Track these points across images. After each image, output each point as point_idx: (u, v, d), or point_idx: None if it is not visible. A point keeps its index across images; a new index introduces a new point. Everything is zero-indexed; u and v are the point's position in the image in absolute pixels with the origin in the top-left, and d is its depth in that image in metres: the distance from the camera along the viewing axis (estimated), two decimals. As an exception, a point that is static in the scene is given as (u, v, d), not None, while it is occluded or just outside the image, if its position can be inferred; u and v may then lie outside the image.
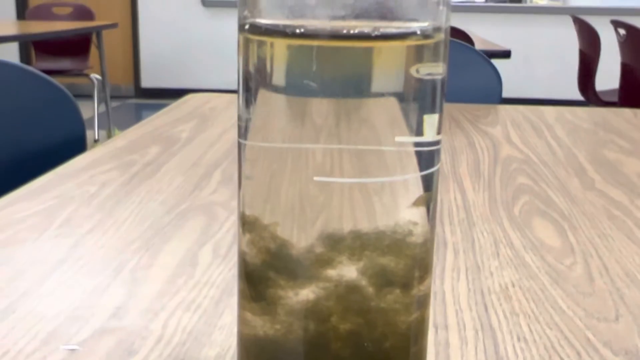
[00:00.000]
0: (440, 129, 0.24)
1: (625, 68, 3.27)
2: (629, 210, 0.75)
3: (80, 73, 4.39)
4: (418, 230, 0.23)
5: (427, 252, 0.24)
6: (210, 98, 1.35)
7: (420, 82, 0.22)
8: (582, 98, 3.72)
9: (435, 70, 0.23)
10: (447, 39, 0.23)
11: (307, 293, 0.23)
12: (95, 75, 4.30)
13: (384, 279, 0.23)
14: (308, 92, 0.22)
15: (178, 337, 0.47)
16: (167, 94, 5.90)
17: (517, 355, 0.46)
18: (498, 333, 0.49)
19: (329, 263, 0.22)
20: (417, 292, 0.24)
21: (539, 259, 0.62)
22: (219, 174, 0.85)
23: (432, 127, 0.23)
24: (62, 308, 0.51)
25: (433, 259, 0.25)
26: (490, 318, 0.51)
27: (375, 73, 0.22)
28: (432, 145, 0.23)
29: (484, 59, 1.61)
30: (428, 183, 0.23)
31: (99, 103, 4.29)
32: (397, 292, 0.23)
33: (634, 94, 3.16)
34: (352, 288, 0.22)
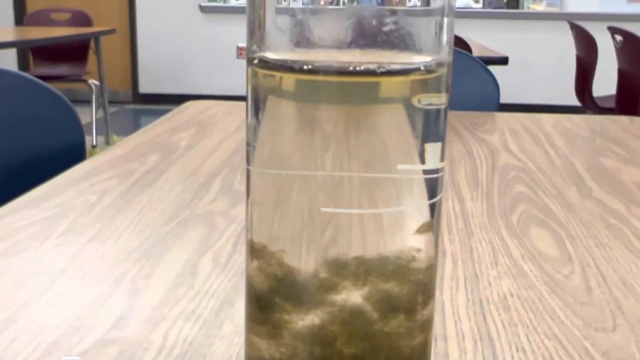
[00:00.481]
0: (443, 157, 0.24)
1: (622, 74, 3.28)
2: (626, 219, 0.76)
3: (79, 79, 4.39)
4: (421, 256, 0.23)
5: (430, 277, 0.24)
6: (210, 105, 1.35)
7: (423, 112, 0.23)
8: (579, 104, 3.73)
9: (438, 101, 0.23)
10: (449, 72, 0.24)
11: (312, 318, 0.23)
12: (94, 81, 4.31)
13: (388, 304, 0.23)
14: (315, 121, 0.23)
15: (179, 347, 0.47)
16: (165, 100, 5.91)
17: (515, 366, 0.46)
18: (497, 343, 0.49)
19: (334, 288, 0.22)
20: (420, 316, 0.24)
21: (537, 269, 0.62)
22: (219, 183, 0.85)
23: (434, 155, 0.23)
24: (63, 318, 0.51)
25: (436, 284, 0.25)
26: (489, 328, 0.51)
27: (379, 104, 0.22)
28: (435, 173, 0.24)
29: (481, 66, 1.61)
30: (432, 210, 0.24)
31: (97, 108, 4.29)
32: (400, 317, 0.23)
33: (631, 100, 3.17)
34: (356, 313, 0.23)
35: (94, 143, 4.15)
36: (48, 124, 1.23)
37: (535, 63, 5.78)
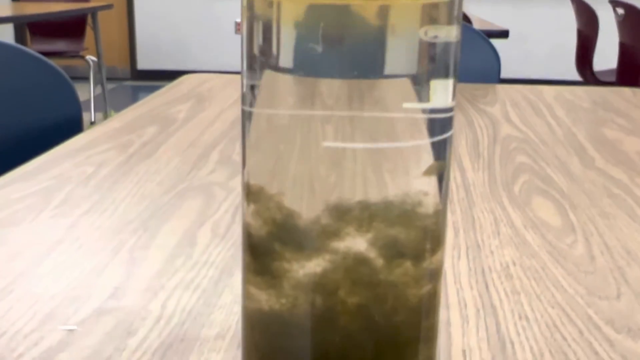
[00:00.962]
0: (454, 96, 0.23)
1: (624, 48, 3.26)
2: (629, 189, 0.75)
3: (76, 55, 4.37)
4: (429, 201, 0.22)
5: (438, 223, 0.23)
6: (208, 78, 1.34)
7: (431, 45, 0.22)
8: (580, 78, 3.71)
9: (449, 34, 0.22)
10: (460, 2, 0.23)
11: (313, 266, 0.22)
12: (91, 57, 4.28)
13: (394, 251, 0.22)
14: (317, 54, 0.21)
15: (177, 317, 0.47)
16: (164, 76, 5.87)
17: (518, 334, 0.46)
18: (499, 311, 0.49)
19: (336, 234, 0.22)
20: (428, 264, 0.23)
21: (540, 238, 0.61)
22: (217, 154, 0.84)
23: (443, 93, 0.22)
24: (59, 289, 0.50)
25: (446, 231, 0.25)
26: (492, 296, 0.51)
27: (388, 36, 0.21)
28: (443, 113, 0.23)
29: (483, 38, 1.60)
30: (440, 151, 0.23)
31: (95, 85, 4.26)
32: (407, 264, 0.22)
33: (632, 74, 3.16)
34: (360, 260, 0.22)
35: (92, 120, 4.13)
36: (46, 99, 1.21)
37: (536, 37, 5.74)
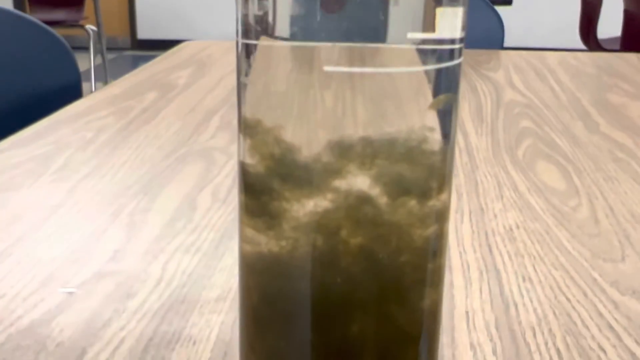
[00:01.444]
0: (464, 25, 0.22)
1: (628, 15, 3.22)
2: (634, 153, 0.74)
3: (75, 24, 4.33)
4: (435, 137, 0.22)
5: (444, 160, 0.22)
6: (208, 45, 1.32)
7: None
8: (583, 47, 3.67)
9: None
10: None
11: (314, 205, 0.21)
12: (91, 27, 4.24)
13: (398, 189, 0.21)
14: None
15: (177, 279, 0.46)
16: (164, 46, 5.82)
17: (522, 296, 0.45)
18: (503, 274, 0.48)
19: (338, 172, 0.21)
20: (434, 203, 0.22)
21: (544, 201, 0.61)
22: (218, 120, 0.83)
23: (451, 22, 0.21)
24: (59, 252, 0.50)
25: (452, 170, 0.24)
26: (495, 259, 0.50)
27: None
28: (451, 44, 0.22)
29: (486, 4, 1.58)
30: (447, 84, 0.22)
31: (95, 55, 4.23)
32: (412, 203, 0.21)
33: (637, 42, 3.13)
34: (363, 199, 0.21)
35: (93, 90, 4.11)
36: (45, 66, 1.20)
37: (539, 4, 5.69)
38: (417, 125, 0.21)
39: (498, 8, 2.19)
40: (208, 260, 0.49)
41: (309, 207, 0.21)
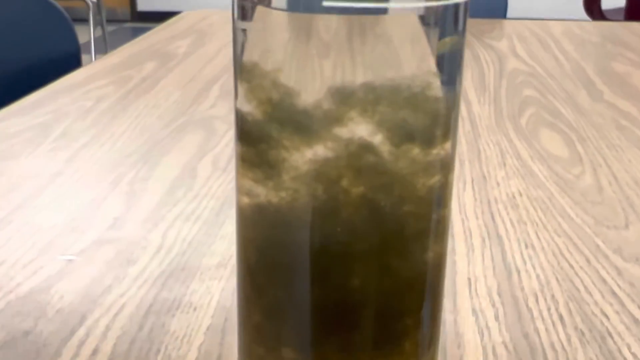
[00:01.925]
0: None
1: (633, -15, 3.18)
2: (638, 121, 0.73)
3: (75, -4, 4.29)
4: (439, 83, 0.21)
5: (449, 107, 0.22)
6: (208, 14, 1.31)
7: None
8: (588, 18, 3.64)
9: None
10: None
11: (314, 153, 0.21)
12: (90, -2, 4.20)
13: (401, 137, 0.21)
14: None
15: (178, 247, 0.46)
16: (165, 17, 5.77)
17: (524, 262, 0.45)
18: (505, 241, 0.48)
19: (339, 120, 0.20)
20: (439, 151, 0.22)
21: (547, 169, 0.60)
22: (218, 89, 0.83)
23: None
24: (58, 220, 0.49)
25: (458, 119, 0.23)
26: (497, 226, 0.50)
27: None
28: None
29: (489, -27, 1.56)
30: (452, 26, 0.21)
31: (95, 27, 4.20)
32: (415, 151, 0.21)
33: (641, 12, 3.09)
34: (364, 147, 0.20)
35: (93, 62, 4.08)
36: (44, 36, 1.19)
37: (543, -24, 5.62)
38: (421, 71, 0.20)
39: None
40: (208, 228, 0.49)
41: (309, 155, 0.21)
